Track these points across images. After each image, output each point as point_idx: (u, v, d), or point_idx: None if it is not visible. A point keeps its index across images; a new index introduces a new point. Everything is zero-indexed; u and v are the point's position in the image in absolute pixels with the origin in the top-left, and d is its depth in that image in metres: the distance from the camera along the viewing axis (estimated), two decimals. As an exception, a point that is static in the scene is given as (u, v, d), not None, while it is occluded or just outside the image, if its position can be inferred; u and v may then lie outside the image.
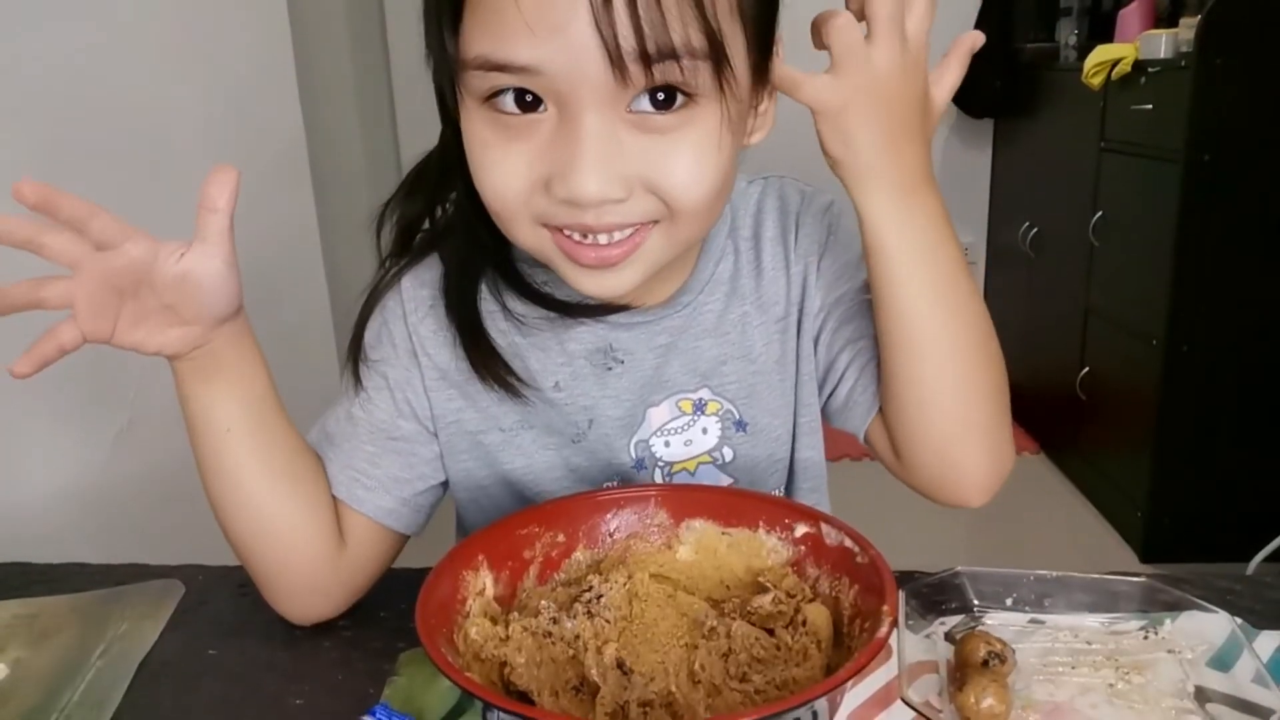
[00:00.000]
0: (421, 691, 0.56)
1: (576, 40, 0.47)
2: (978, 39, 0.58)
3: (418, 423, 0.68)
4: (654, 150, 0.51)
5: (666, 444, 0.68)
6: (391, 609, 0.67)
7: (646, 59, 0.47)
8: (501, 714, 0.42)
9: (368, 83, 2.85)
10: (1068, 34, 2.63)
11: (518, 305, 0.65)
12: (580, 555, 0.58)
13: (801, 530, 0.55)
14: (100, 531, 1.15)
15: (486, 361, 0.64)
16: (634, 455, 0.68)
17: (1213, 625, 0.56)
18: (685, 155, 0.52)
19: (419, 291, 0.67)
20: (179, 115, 1.33)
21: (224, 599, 0.69)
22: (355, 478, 0.65)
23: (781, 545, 0.56)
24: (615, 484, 0.69)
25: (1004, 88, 2.77)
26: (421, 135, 0.70)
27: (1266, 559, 1.85)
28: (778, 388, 0.69)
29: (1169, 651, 0.56)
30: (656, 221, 0.54)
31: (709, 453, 0.69)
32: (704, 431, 0.68)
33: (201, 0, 1.41)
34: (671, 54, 0.47)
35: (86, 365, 1.16)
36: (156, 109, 1.28)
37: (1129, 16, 2.26)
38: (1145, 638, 0.57)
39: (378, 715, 0.50)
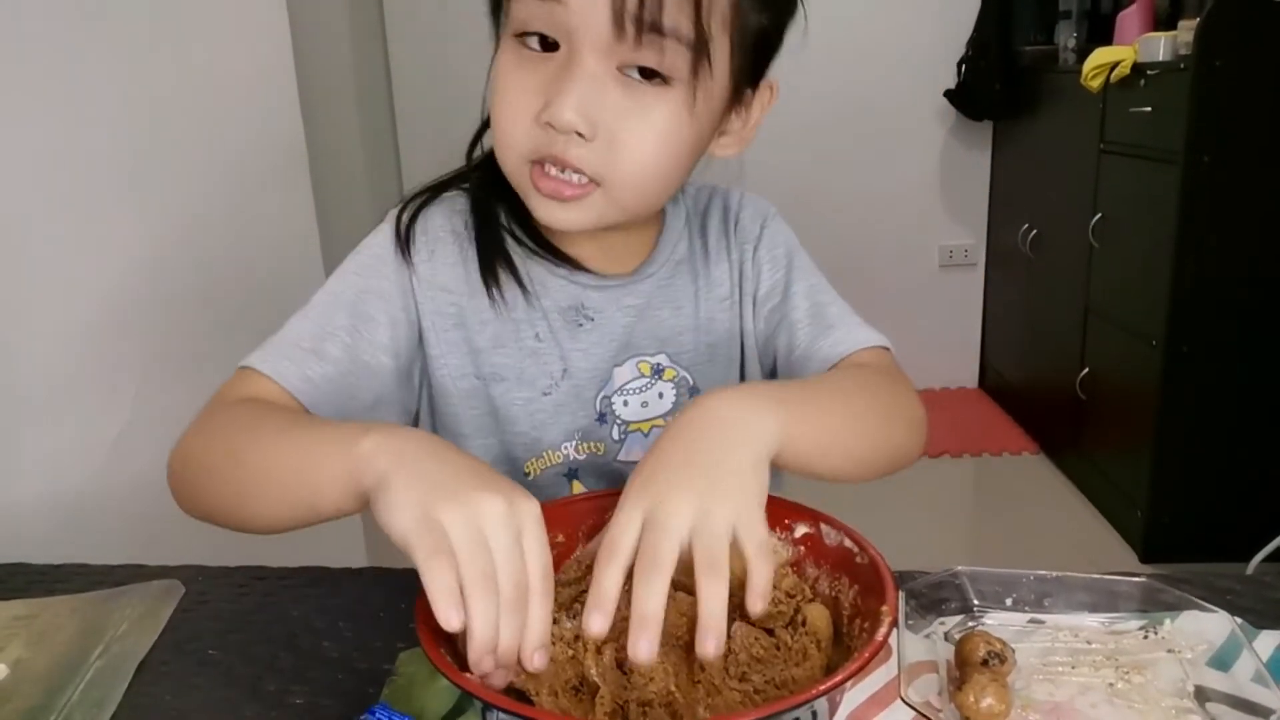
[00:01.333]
0: (421, 691, 0.56)
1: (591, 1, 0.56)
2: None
3: (395, 361, 0.70)
4: (626, 109, 0.60)
5: (625, 403, 0.74)
6: (391, 609, 0.67)
7: (639, 25, 0.57)
8: (500, 714, 0.42)
9: (368, 83, 2.85)
10: (1067, 36, 2.64)
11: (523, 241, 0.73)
12: (580, 554, 0.58)
13: (801, 530, 0.56)
14: (100, 532, 1.15)
15: (496, 269, 0.71)
16: (598, 409, 0.74)
17: (1212, 625, 0.56)
18: (644, 122, 0.61)
19: (423, 237, 0.72)
20: (179, 116, 1.33)
21: (224, 599, 0.69)
22: (292, 355, 0.65)
23: (781, 545, 0.56)
24: (575, 442, 0.73)
25: (1003, 90, 2.77)
26: (421, 136, 0.71)
27: (1266, 559, 1.85)
28: (724, 359, 0.77)
29: (1169, 651, 0.56)
30: (599, 185, 0.62)
31: (663, 416, 0.75)
32: (660, 396, 0.75)
33: (201, 1, 1.40)
34: (659, 30, 0.57)
35: (87, 366, 1.17)
36: (156, 109, 1.28)
37: (1128, 19, 2.27)
38: (1145, 637, 0.57)
39: (377, 715, 0.50)
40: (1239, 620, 0.56)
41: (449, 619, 0.43)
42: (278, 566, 0.74)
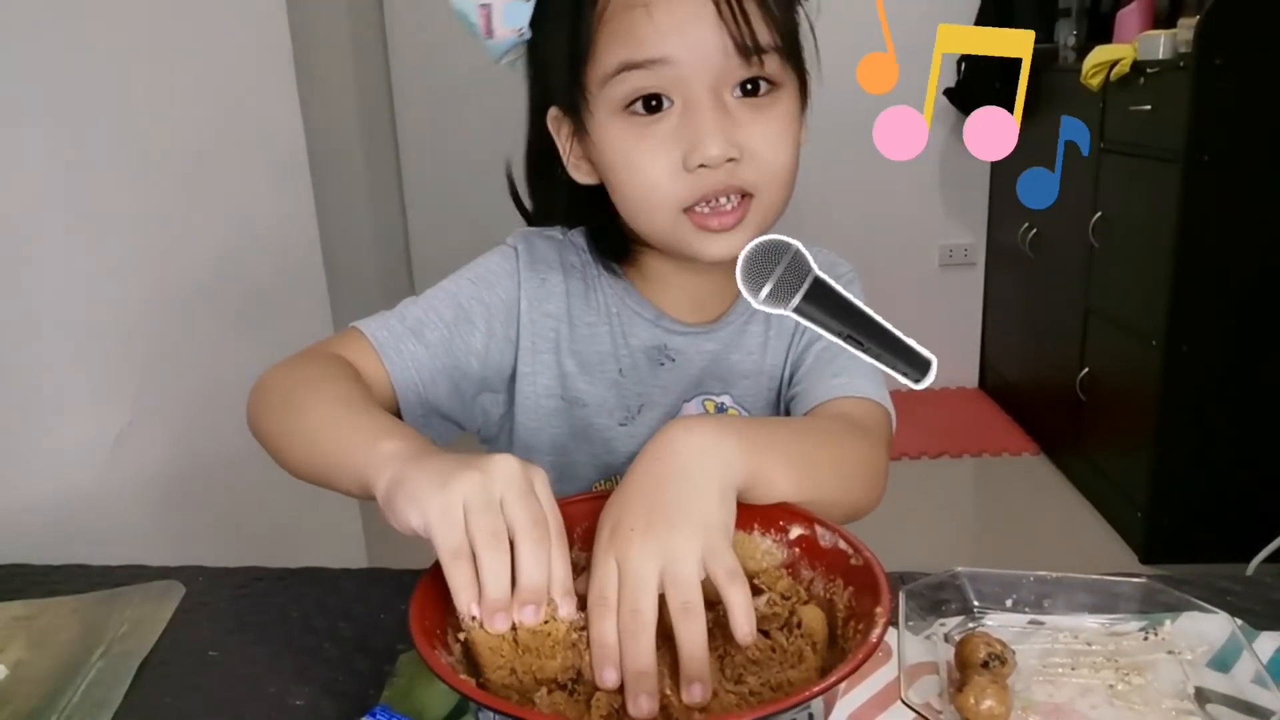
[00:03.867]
0: (421, 693, 0.56)
1: (697, 40, 0.63)
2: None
3: (482, 369, 0.74)
4: (752, 121, 0.66)
5: None
6: (392, 610, 0.67)
7: (744, 52, 0.64)
8: (496, 715, 0.42)
9: (368, 83, 2.85)
10: (1066, 35, 2.63)
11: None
12: (576, 556, 0.57)
13: (796, 532, 0.56)
14: (100, 532, 1.15)
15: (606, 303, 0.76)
16: None
17: (1212, 626, 0.56)
18: (772, 126, 0.67)
19: (538, 264, 0.77)
20: (178, 116, 1.33)
21: (224, 600, 0.70)
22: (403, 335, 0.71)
23: (776, 548, 0.56)
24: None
25: (1003, 88, 2.77)
26: (420, 136, 0.71)
27: (1266, 559, 1.85)
28: (780, 401, 0.79)
29: (1169, 652, 0.56)
30: (753, 196, 0.67)
31: None
32: None
33: (200, 3, 1.41)
34: (760, 49, 0.64)
35: (87, 366, 1.16)
36: (155, 109, 1.28)
37: (1127, 17, 2.26)
38: (1145, 639, 0.57)
39: (378, 717, 0.50)
40: (1239, 621, 0.56)
41: (469, 611, 0.46)
42: (278, 567, 0.74)
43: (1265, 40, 1.83)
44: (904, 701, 0.51)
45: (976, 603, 0.61)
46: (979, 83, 2.80)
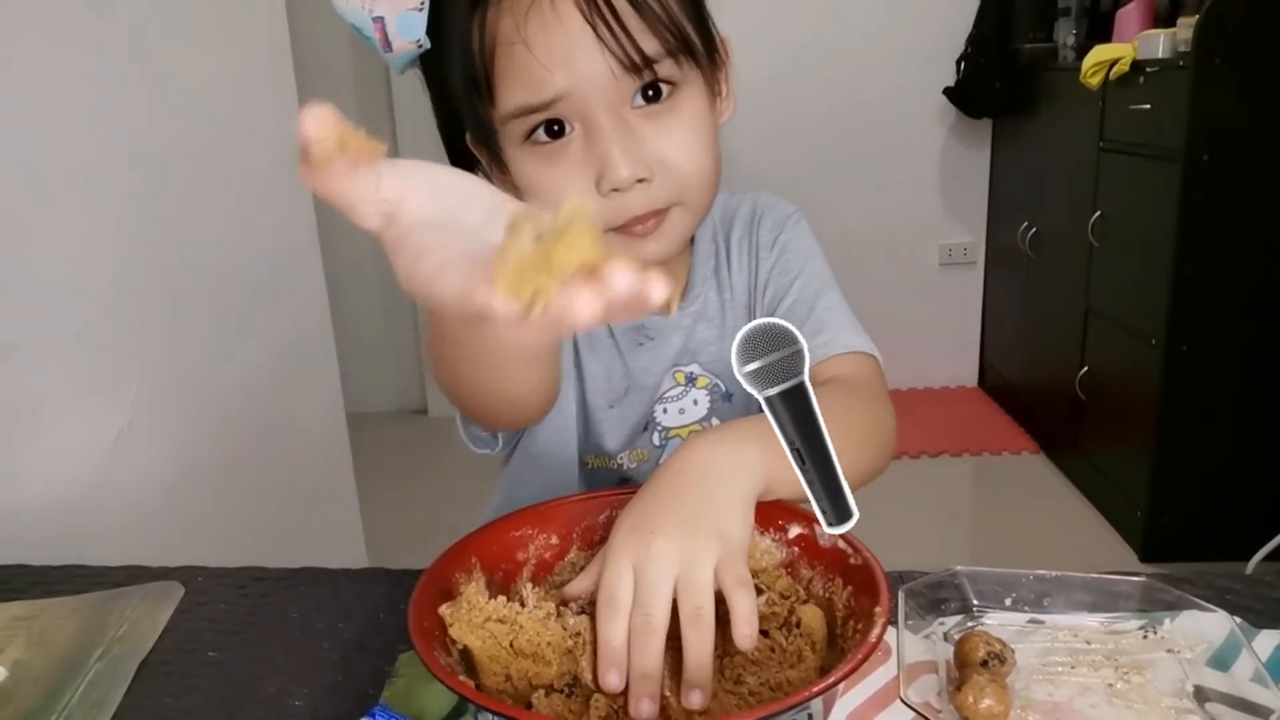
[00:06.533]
0: (421, 693, 0.56)
1: (582, 67, 0.61)
2: None
3: None
4: (659, 132, 0.64)
5: (665, 410, 0.79)
6: (392, 610, 0.67)
7: (633, 68, 0.62)
8: (495, 716, 0.42)
9: (368, 83, 2.85)
10: (1066, 34, 2.63)
11: None
12: (574, 557, 0.58)
13: (795, 532, 0.56)
14: (100, 532, 1.15)
15: None
16: (644, 419, 0.79)
17: (1212, 624, 0.56)
18: (681, 132, 0.65)
19: None
20: (178, 116, 1.33)
21: (223, 600, 0.69)
22: None
23: (775, 547, 0.56)
24: (628, 451, 0.79)
25: (1003, 88, 2.77)
26: (421, 135, 0.71)
27: (1266, 558, 1.85)
28: None
29: (1168, 651, 0.56)
30: (676, 204, 0.67)
31: (699, 422, 0.79)
32: (695, 403, 0.79)
33: (201, 1, 1.41)
34: (651, 61, 0.62)
35: (87, 366, 1.16)
36: (155, 109, 1.28)
37: (1127, 16, 2.26)
38: (1144, 637, 0.57)
39: (377, 717, 0.50)
40: (1238, 620, 0.56)
41: None
42: (277, 567, 0.74)
43: (1265, 40, 1.83)
44: (903, 701, 0.51)
45: (976, 601, 0.61)
46: (979, 83, 2.80)
